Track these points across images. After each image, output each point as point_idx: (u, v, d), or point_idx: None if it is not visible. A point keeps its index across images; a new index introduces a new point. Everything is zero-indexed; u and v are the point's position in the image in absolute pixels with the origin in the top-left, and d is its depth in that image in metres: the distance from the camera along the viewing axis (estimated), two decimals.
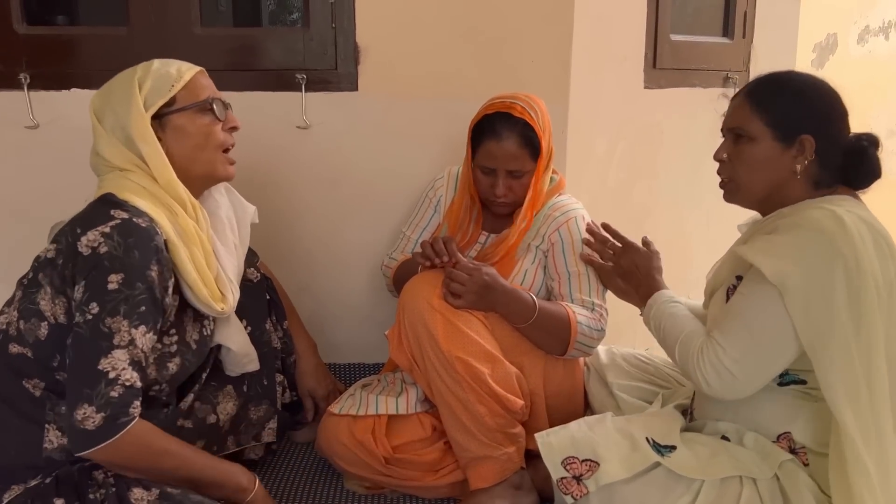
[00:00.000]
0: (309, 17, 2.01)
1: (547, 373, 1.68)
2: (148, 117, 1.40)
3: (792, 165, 1.33)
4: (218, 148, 1.50)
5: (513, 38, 2.06)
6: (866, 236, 1.24)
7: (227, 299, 1.52)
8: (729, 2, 2.64)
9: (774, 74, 1.39)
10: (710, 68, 2.56)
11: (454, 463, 1.66)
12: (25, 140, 1.98)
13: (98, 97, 1.46)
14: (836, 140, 1.33)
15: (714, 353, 1.28)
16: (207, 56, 1.96)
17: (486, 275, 1.58)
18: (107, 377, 1.25)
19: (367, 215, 2.15)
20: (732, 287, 1.37)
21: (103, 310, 1.26)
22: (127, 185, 1.39)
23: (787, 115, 1.33)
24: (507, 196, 1.70)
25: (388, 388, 1.75)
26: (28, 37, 1.96)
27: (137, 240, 1.30)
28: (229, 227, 1.62)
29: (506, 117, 1.65)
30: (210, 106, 1.48)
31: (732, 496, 1.27)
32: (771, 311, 1.24)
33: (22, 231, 1.99)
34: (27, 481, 1.30)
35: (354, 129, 2.08)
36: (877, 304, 1.20)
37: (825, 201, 1.31)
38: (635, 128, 2.38)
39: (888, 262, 1.24)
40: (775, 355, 1.26)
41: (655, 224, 2.54)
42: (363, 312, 2.20)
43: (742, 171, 1.38)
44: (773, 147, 1.33)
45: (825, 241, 1.22)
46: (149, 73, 1.43)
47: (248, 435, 1.73)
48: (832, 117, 1.34)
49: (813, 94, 1.34)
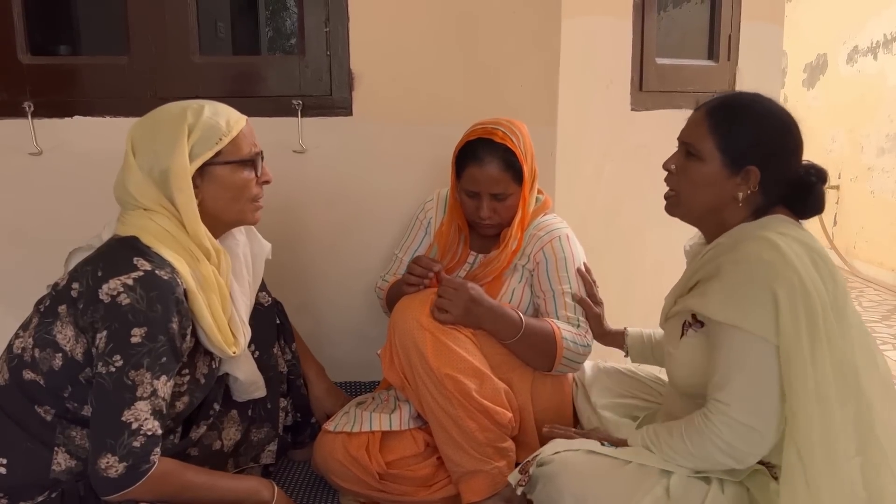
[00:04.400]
0: (304, 45, 2.06)
1: (535, 388, 1.71)
2: (193, 169, 1.39)
3: (734, 192, 1.35)
4: (250, 200, 1.51)
5: (502, 64, 2.11)
6: (804, 257, 1.25)
7: (238, 342, 1.53)
8: (713, 25, 2.68)
9: (738, 98, 1.40)
10: (696, 90, 2.59)
11: (447, 478, 1.68)
12: (29, 166, 2.02)
13: (140, 130, 1.43)
14: (783, 173, 1.35)
15: (721, 413, 1.25)
16: (206, 83, 2.02)
17: (472, 289, 1.62)
18: (130, 428, 1.27)
19: (361, 236, 2.19)
20: (688, 323, 1.39)
21: (127, 363, 1.27)
22: (152, 228, 1.39)
23: (739, 144, 1.34)
24: (491, 218, 1.74)
25: (381, 406, 1.77)
26: (31, 66, 2.00)
27: (160, 294, 1.30)
28: (245, 266, 1.63)
29: (487, 143, 1.69)
30: (252, 162, 1.49)
31: (699, 494, 1.28)
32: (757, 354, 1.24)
33: (25, 255, 2.04)
34: (34, 498, 1.33)
35: (349, 153, 2.13)
36: (822, 321, 1.22)
37: (759, 227, 1.33)
38: (623, 149, 2.42)
39: (828, 280, 1.26)
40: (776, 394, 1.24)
41: (644, 244, 2.58)
42: (359, 331, 2.23)
43: (685, 187, 1.40)
44: (720, 171, 1.35)
45: (771, 272, 1.23)
46: (199, 122, 1.41)
47: (246, 457, 1.76)
48: (783, 151, 1.35)
49: (769, 125, 1.35)
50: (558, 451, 1.38)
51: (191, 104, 1.44)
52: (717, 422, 1.25)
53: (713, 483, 1.30)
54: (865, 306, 4.01)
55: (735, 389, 1.25)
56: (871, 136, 4.71)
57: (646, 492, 1.28)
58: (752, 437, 1.24)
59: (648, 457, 1.34)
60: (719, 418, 1.25)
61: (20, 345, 1.38)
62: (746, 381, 1.24)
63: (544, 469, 1.38)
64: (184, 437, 1.55)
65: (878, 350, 1.34)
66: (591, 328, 1.75)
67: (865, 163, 4.76)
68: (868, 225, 4.72)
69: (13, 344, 1.39)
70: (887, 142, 4.56)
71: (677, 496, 1.28)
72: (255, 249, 1.68)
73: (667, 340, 1.48)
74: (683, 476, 1.31)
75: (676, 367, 1.44)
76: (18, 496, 1.33)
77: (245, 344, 1.57)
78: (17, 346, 1.38)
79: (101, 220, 1.53)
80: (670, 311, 1.49)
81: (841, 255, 4.87)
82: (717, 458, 1.27)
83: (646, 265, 2.61)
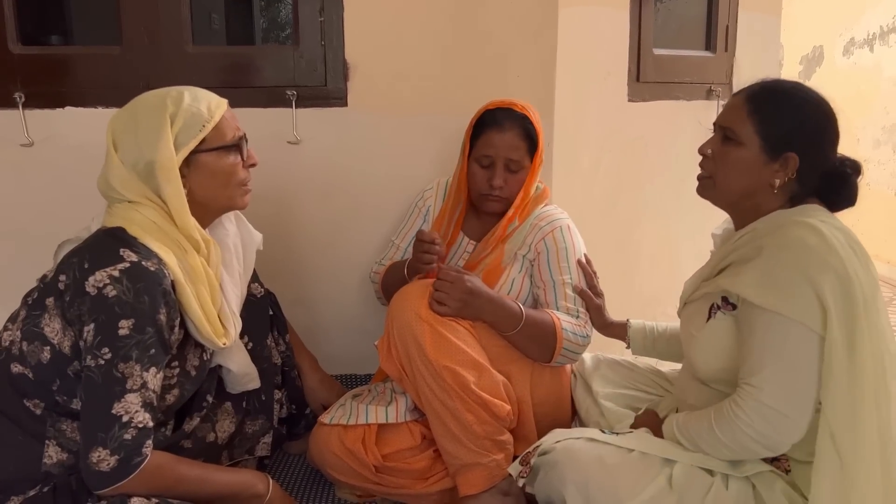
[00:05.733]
0: (299, 35, 2.04)
1: (534, 380, 1.71)
2: (179, 159, 1.37)
3: (771, 178, 1.34)
4: (239, 185, 1.50)
5: (498, 54, 2.10)
6: (846, 246, 1.25)
7: (229, 333, 1.52)
8: (711, 16, 2.67)
9: (780, 84, 1.38)
10: (693, 81, 2.60)
11: (444, 470, 1.68)
12: (20, 158, 2.00)
13: (119, 122, 1.40)
14: (821, 163, 1.33)
15: (751, 398, 1.24)
16: (200, 74, 2.00)
17: (469, 281, 1.61)
18: (120, 421, 1.26)
19: (357, 228, 2.18)
20: (716, 306, 1.37)
21: (115, 355, 1.26)
22: (137, 219, 1.37)
23: (779, 129, 1.32)
24: (502, 189, 1.74)
25: (378, 398, 1.77)
26: (23, 56, 1.99)
27: (147, 285, 1.29)
28: (235, 256, 1.62)
29: (508, 111, 1.74)
30: (237, 146, 1.48)
31: (703, 486, 1.28)
32: (795, 340, 1.23)
33: (17, 248, 2.02)
34: (26, 492, 1.32)
35: (344, 144, 2.11)
36: (862, 309, 1.21)
37: (799, 213, 1.32)
38: (620, 141, 2.42)
39: (868, 266, 1.27)
40: (811, 381, 1.23)
41: (641, 235, 2.58)
42: (354, 324, 2.23)
43: (721, 171, 1.39)
44: (758, 157, 1.34)
45: (816, 258, 1.23)
46: (180, 110, 1.38)
47: (241, 449, 1.75)
48: (823, 141, 1.34)
49: (811, 113, 1.33)
50: (559, 439, 1.38)
51: (169, 92, 1.41)
52: (747, 408, 1.24)
53: (717, 477, 1.30)
54: None
55: (769, 375, 1.23)
56: (867, 128, 4.71)
57: (649, 481, 1.28)
58: (783, 423, 1.23)
59: (650, 445, 1.34)
60: (750, 404, 1.24)
61: (8, 337, 1.36)
62: (782, 366, 1.23)
63: (546, 458, 1.37)
64: (177, 430, 1.54)
65: None
66: (593, 319, 1.76)
67: (861, 155, 4.70)
68: (863, 217, 4.70)
69: (1, 337, 1.38)
70: (883, 134, 4.56)
71: (680, 486, 1.28)
72: (245, 239, 1.67)
73: (688, 324, 1.46)
74: (686, 466, 1.30)
75: (699, 351, 1.41)
76: (10, 490, 1.32)
77: (235, 335, 1.56)
78: (4, 338, 1.37)
79: (93, 212, 1.51)
80: (692, 295, 1.47)
81: None
82: (750, 446, 1.25)
83: (643, 256, 2.61)
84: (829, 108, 1.35)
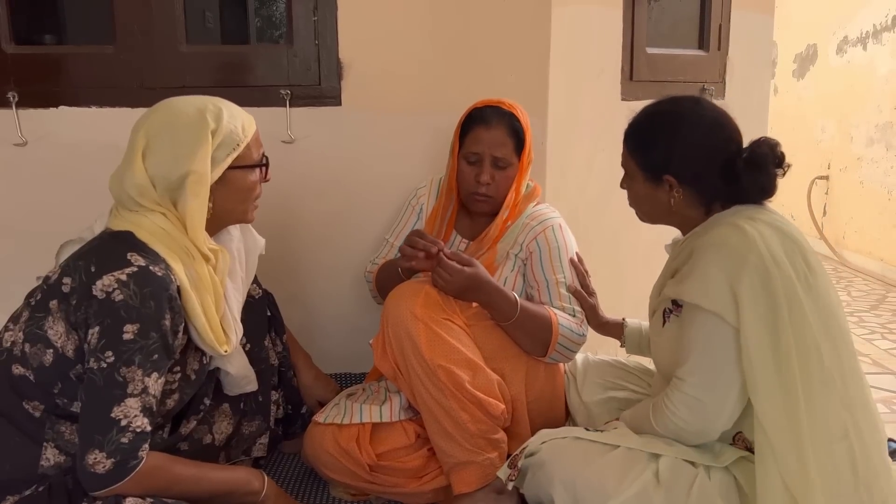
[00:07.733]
0: (293, 35, 2.04)
1: (528, 379, 1.72)
2: (214, 176, 1.39)
3: (667, 199, 1.44)
4: (254, 200, 1.52)
5: (492, 52, 2.10)
6: (770, 238, 1.30)
7: (230, 340, 1.52)
8: (704, 15, 2.68)
9: (648, 113, 1.48)
10: (687, 80, 2.60)
11: (438, 469, 1.68)
12: (14, 157, 2.00)
13: (154, 130, 1.39)
14: (705, 172, 1.40)
15: (677, 388, 1.33)
16: (194, 73, 2.00)
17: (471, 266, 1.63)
18: (118, 424, 1.26)
19: (352, 226, 2.18)
20: (668, 311, 1.43)
21: (119, 359, 1.26)
22: (146, 224, 1.37)
23: (651, 158, 1.44)
24: (489, 186, 1.75)
25: (372, 397, 1.77)
26: (16, 56, 1.99)
27: (153, 290, 1.29)
28: (238, 262, 1.62)
29: (495, 108, 1.76)
30: (262, 165, 1.49)
31: (688, 478, 1.31)
32: (712, 330, 1.29)
33: (11, 247, 2.02)
34: (22, 491, 1.32)
35: (338, 143, 2.12)
36: (784, 302, 1.25)
37: (729, 215, 1.39)
38: (613, 139, 2.38)
39: (797, 257, 1.31)
40: (730, 371, 1.29)
41: (635, 234, 2.56)
42: (349, 323, 2.23)
43: (634, 204, 1.53)
44: (647, 186, 1.46)
45: (735, 255, 1.29)
46: (220, 127, 1.39)
47: (238, 450, 1.75)
48: (695, 155, 1.40)
49: (678, 133, 1.41)
50: (545, 440, 1.42)
51: (206, 106, 1.41)
52: (674, 398, 1.33)
53: (700, 469, 1.33)
54: (854, 296, 4.03)
55: (691, 365, 1.32)
56: (861, 127, 4.73)
57: (636, 476, 1.30)
58: (702, 412, 1.31)
59: (633, 440, 1.37)
60: (676, 395, 1.33)
61: (10, 338, 1.36)
62: (702, 357, 1.31)
63: (533, 459, 1.41)
64: (173, 433, 1.54)
65: (843, 333, 1.34)
66: (588, 319, 1.77)
67: (855, 153, 4.78)
68: (857, 215, 4.74)
69: (2, 337, 1.38)
70: (876, 132, 4.58)
71: (666, 479, 1.30)
72: (248, 245, 1.67)
73: (653, 332, 1.53)
74: (672, 460, 1.33)
75: (660, 355, 1.50)
76: (5, 490, 1.32)
77: (236, 342, 1.56)
78: (6, 339, 1.37)
79: (87, 212, 1.51)
80: (653, 303, 1.53)
81: (830, 245, 4.89)
82: (680, 434, 1.35)
83: (637, 255, 2.61)
84: (704, 118, 1.41)
